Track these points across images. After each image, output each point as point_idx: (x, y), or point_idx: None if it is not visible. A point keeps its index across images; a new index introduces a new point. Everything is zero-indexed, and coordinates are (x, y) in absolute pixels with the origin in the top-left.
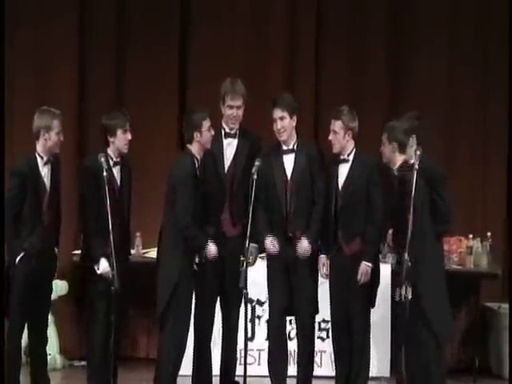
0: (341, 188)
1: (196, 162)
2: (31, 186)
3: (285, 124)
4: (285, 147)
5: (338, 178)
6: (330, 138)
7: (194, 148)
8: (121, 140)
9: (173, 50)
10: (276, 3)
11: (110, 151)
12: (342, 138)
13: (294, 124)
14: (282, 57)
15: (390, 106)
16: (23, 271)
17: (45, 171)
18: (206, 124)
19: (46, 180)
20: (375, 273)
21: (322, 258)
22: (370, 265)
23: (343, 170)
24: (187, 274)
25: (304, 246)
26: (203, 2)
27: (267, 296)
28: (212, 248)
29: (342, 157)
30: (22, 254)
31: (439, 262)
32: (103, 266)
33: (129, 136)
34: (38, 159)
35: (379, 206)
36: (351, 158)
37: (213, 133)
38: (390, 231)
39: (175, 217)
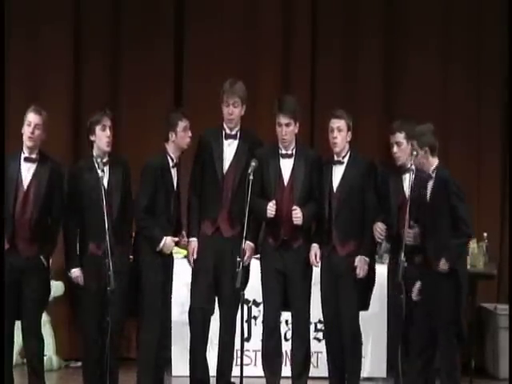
0: (336, 190)
1: (170, 160)
2: (8, 181)
3: (289, 130)
4: (283, 151)
5: (331, 179)
6: (335, 135)
7: (170, 147)
8: (100, 137)
9: (168, 51)
10: (271, 3)
11: (94, 153)
12: (345, 137)
13: (297, 130)
14: (277, 57)
15: (385, 105)
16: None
17: (25, 168)
18: (182, 125)
19: (24, 178)
20: (371, 276)
21: (315, 247)
22: (367, 259)
23: (338, 172)
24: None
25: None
26: (198, 2)
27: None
28: (168, 242)
29: (336, 158)
30: None
31: None
32: (74, 275)
33: (108, 133)
34: (22, 155)
35: (375, 207)
36: (346, 160)
37: (189, 134)
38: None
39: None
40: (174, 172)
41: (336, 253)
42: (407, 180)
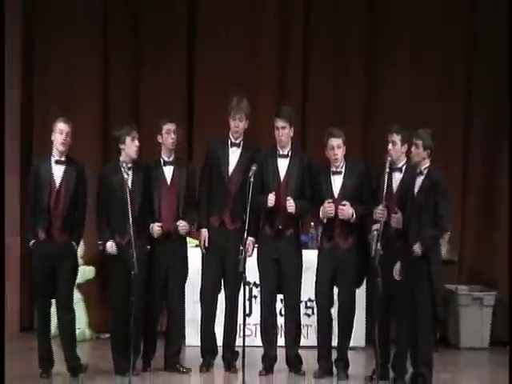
0: (337, 196)
1: (161, 159)
2: (42, 181)
3: (285, 132)
4: (281, 152)
5: (331, 187)
6: (336, 152)
7: (161, 148)
8: (130, 147)
9: (181, 65)
10: (270, 28)
11: (121, 158)
12: (343, 152)
13: (292, 134)
14: (273, 72)
15: (368, 114)
16: (35, 255)
17: (56, 169)
18: (165, 127)
19: (56, 177)
20: (366, 259)
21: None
22: (354, 212)
23: (337, 181)
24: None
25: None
26: (206, 24)
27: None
28: (154, 229)
29: (335, 169)
30: (34, 241)
31: None
32: (109, 248)
33: (136, 143)
34: (52, 159)
35: (371, 203)
36: (343, 169)
37: (172, 136)
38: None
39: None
40: (167, 169)
41: (338, 247)
42: (396, 177)
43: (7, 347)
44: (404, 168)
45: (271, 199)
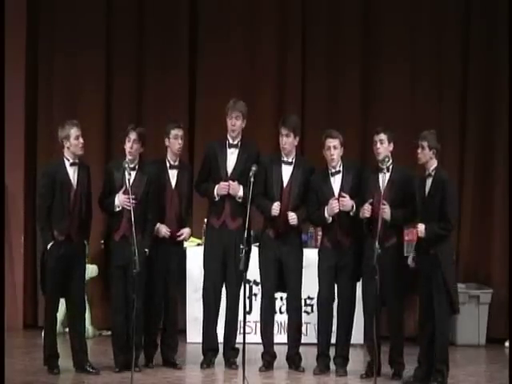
0: (337, 195)
1: (168, 163)
2: (59, 184)
3: (289, 141)
4: (285, 159)
5: (332, 187)
6: (333, 152)
7: (167, 152)
8: (125, 147)
9: (183, 74)
10: (269, 36)
11: (126, 158)
12: (340, 152)
13: (296, 143)
14: (272, 79)
15: (362, 119)
16: (52, 256)
17: (71, 171)
18: (173, 133)
19: (73, 179)
20: (361, 254)
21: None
22: (353, 204)
23: (337, 181)
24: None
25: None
26: (208, 34)
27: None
28: (160, 230)
29: (333, 170)
30: (52, 242)
31: None
32: (118, 200)
33: (131, 144)
34: (66, 162)
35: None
36: (341, 169)
37: (180, 141)
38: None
39: None
40: (172, 173)
41: (341, 245)
42: (383, 177)
43: (11, 344)
44: (391, 167)
45: (276, 209)
